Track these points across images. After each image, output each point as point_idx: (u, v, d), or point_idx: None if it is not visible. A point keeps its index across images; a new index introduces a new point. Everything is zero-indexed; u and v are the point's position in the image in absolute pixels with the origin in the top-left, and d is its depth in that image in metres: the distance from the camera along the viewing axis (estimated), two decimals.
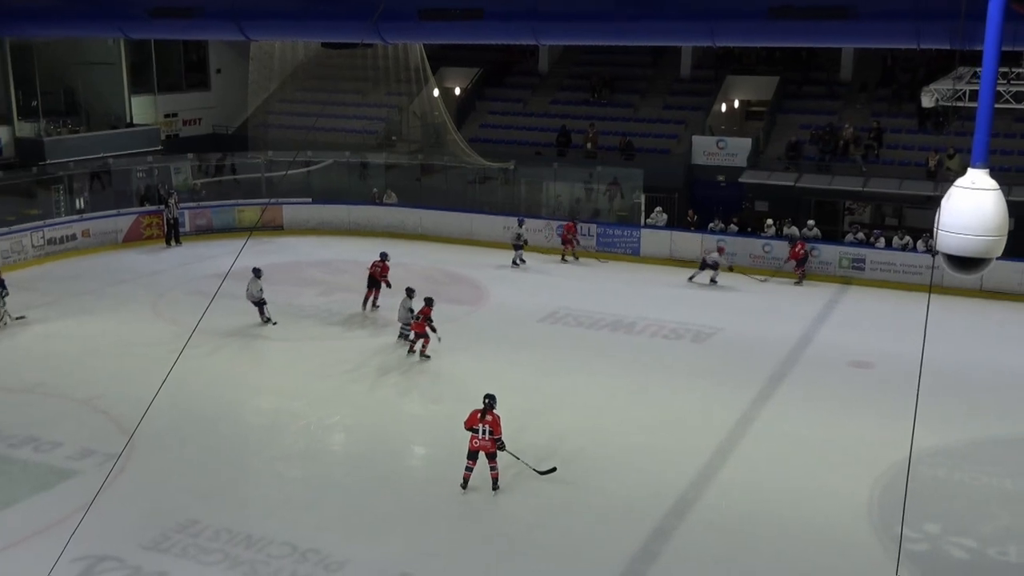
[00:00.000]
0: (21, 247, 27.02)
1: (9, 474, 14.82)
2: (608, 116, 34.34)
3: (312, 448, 16.25)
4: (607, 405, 17.64)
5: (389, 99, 36.66)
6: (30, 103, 32.50)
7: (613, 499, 14.13)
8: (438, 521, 13.50)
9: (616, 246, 28.30)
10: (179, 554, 12.51)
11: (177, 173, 31.93)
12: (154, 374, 10.77)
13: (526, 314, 22.76)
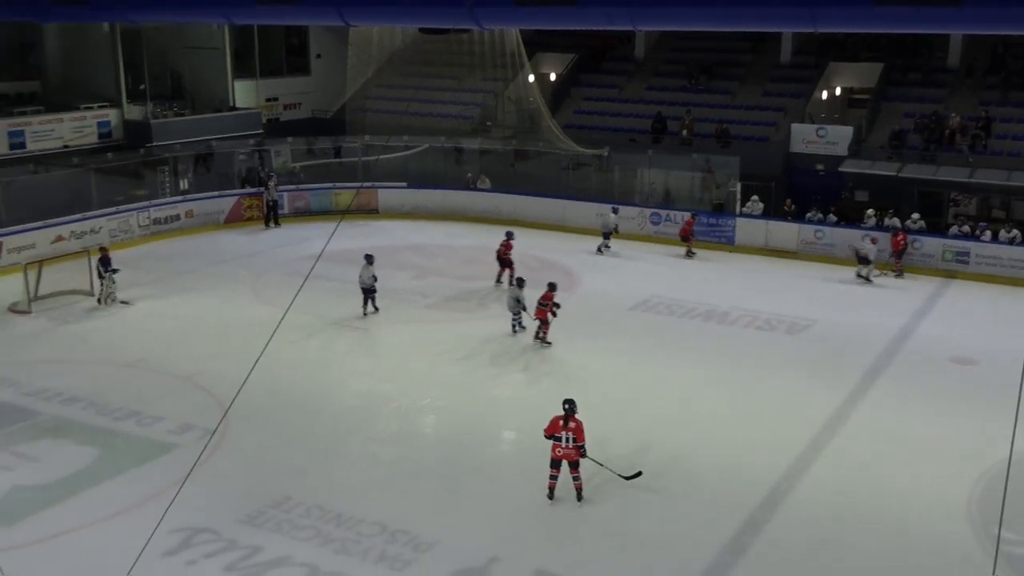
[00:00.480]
0: (128, 227, 27.93)
1: (113, 446, 15.33)
2: (705, 103, 33.80)
3: (404, 430, 16.42)
4: (697, 395, 17.47)
5: (485, 84, 36.72)
6: (138, 87, 33.39)
7: (702, 490, 13.99)
8: (528, 507, 13.50)
9: (710, 235, 27.92)
10: (273, 529, 12.78)
11: (277, 156, 32.55)
12: (253, 353, 10.99)
13: (618, 302, 22.64)
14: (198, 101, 35.19)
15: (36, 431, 15.80)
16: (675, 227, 28.06)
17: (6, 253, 24.77)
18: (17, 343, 20.17)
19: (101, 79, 33.28)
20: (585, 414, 13.85)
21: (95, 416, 16.36)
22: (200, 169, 31.88)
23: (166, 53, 34.88)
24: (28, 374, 18.16)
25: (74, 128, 31.48)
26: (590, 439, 13.60)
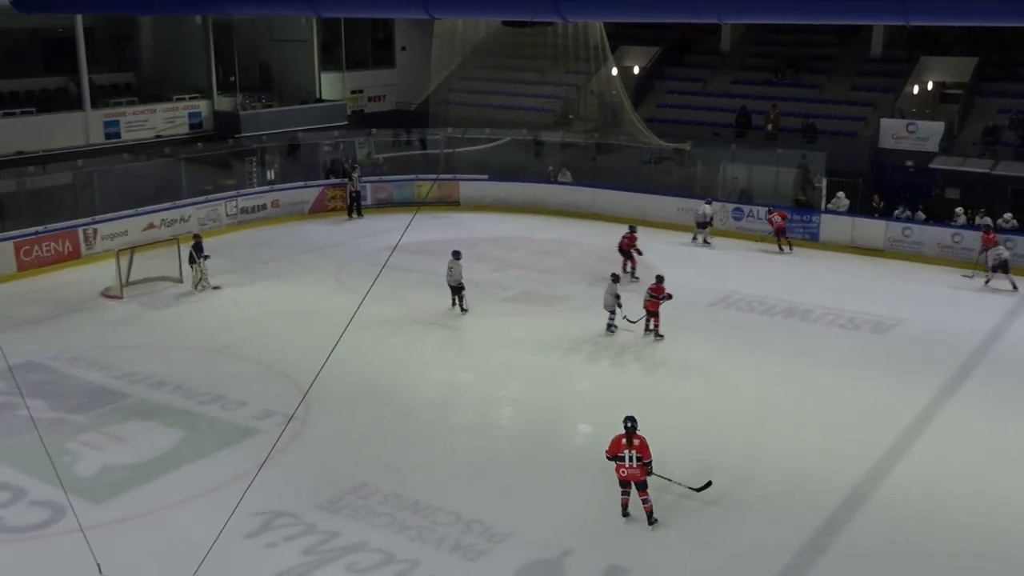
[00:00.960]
0: (216, 215, 28.54)
1: (198, 430, 15.70)
2: (791, 97, 33.25)
3: (481, 421, 16.48)
4: (777, 393, 17.19)
5: (567, 77, 36.65)
6: (228, 79, 34.04)
7: (782, 488, 13.77)
8: (602, 501, 13.42)
9: (794, 231, 27.43)
10: (350, 515, 12.94)
11: (361, 147, 32.92)
12: (334, 341, 11.13)
13: (697, 298, 22.39)
14: (285, 93, 35.80)
15: (125, 413, 16.25)
16: (757, 223, 27.67)
17: (100, 240, 25.51)
18: (108, 327, 20.75)
19: (193, 71, 34.09)
20: (660, 412, 13.81)
21: (181, 400, 16.76)
22: (286, 160, 32.40)
23: (256, 46, 35.50)
24: (118, 357, 18.68)
25: (166, 119, 32.28)
26: (665, 438, 13.48)
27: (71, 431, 15.46)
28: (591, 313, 20.43)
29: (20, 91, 31.38)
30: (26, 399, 14.80)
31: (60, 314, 21.31)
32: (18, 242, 24.20)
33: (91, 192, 26.94)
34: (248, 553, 12.01)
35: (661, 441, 15.32)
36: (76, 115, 30.14)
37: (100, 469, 14.31)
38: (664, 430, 15.68)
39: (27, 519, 12.88)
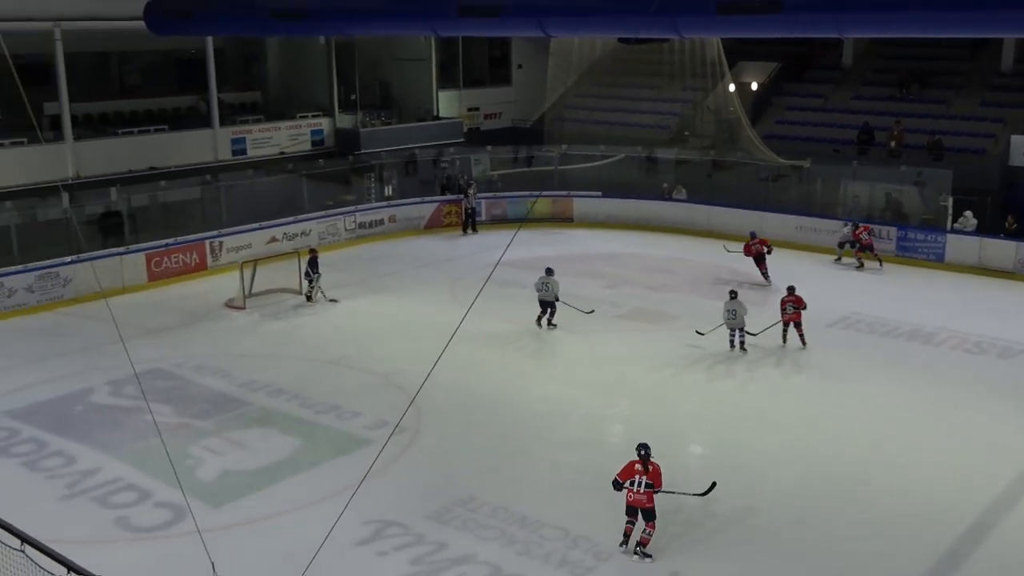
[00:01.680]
0: (335, 230, 29.21)
1: (314, 438, 16.03)
2: (916, 113, 32.17)
3: (590, 437, 16.39)
4: (895, 417, 16.62)
5: (683, 94, 36.32)
6: (350, 97, 34.78)
7: (898, 516, 13.29)
8: (711, 524, 13.22)
9: (918, 251, 26.55)
10: (459, 527, 13.02)
11: (476, 164, 33.24)
12: (446, 355, 11.24)
13: (815, 317, 21.82)
14: (404, 110, 36.39)
15: (245, 420, 16.73)
16: (880, 242, 26.85)
17: (225, 252, 26.36)
18: (231, 336, 21.41)
19: (316, 90, 34.94)
20: (771, 433, 13.47)
21: (298, 408, 17.15)
22: (403, 176, 32.89)
23: (376, 64, 36.21)
24: (240, 366, 19.25)
25: (290, 136, 33.15)
26: (775, 461, 13.17)
27: (194, 436, 15.97)
28: (703, 329, 20.15)
29: (154, 109, 32.61)
30: (152, 404, 15.36)
31: (186, 323, 22.09)
32: (149, 253, 25.19)
33: (218, 206, 27.88)
34: (359, 560, 12.20)
35: (770, 463, 15.07)
36: (205, 132, 31.17)
37: (220, 474, 14.74)
38: (774, 452, 15.41)
39: (151, 520, 13.34)
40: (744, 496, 13.74)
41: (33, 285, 23.02)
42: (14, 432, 16.24)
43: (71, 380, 18.35)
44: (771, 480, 14.43)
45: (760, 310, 21.14)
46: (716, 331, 19.80)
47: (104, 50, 31.66)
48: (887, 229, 27.07)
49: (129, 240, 25.53)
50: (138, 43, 30.12)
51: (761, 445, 15.50)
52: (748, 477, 14.39)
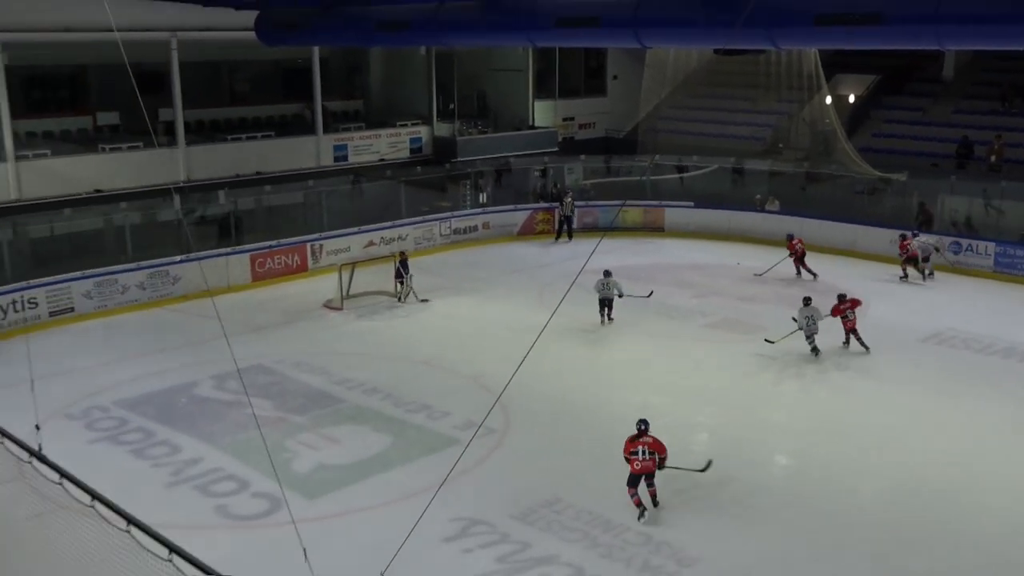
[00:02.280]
0: (431, 235, 29.56)
1: (406, 436, 16.23)
2: (1019, 127, 31.06)
3: (675, 445, 16.13)
4: (986, 437, 16.07)
5: (779, 106, 35.71)
6: (447, 106, 35.12)
7: (985, 540, 12.89)
8: (793, 531, 13.00)
9: (1018, 267, 25.64)
10: (543, 528, 13.05)
11: (570, 173, 33.24)
12: (535, 359, 11.30)
13: (907, 333, 21.30)
14: (500, 120, 36.54)
15: (340, 416, 17.03)
16: (978, 258, 26.05)
17: (325, 255, 26.88)
18: (329, 335, 21.77)
19: (416, 99, 35.39)
20: (855, 444, 13.14)
21: (391, 407, 17.38)
22: (498, 184, 33.06)
23: (474, 75, 36.47)
24: (336, 364, 19.58)
25: (390, 143, 33.62)
26: (857, 471, 12.86)
27: (291, 430, 16.32)
28: (792, 341, 19.81)
29: (261, 117, 33.36)
30: (253, 399, 15.76)
31: (286, 322, 22.57)
32: (254, 255, 25.84)
33: (319, 210, 28.42)
34: (445, 556, 12.33)
35: (852, 474, 14.73)
36: (309, 139, 31.81)
37: (315, 467, 15.01)
38: (856, 463, 15.07)
39: (248, 509, 13.69)
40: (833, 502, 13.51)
41: (144, 282, 23.81)
42: (124, 421, 16.84)
43: (177, 373, 18.93)
44: (843, 485, 14.14)
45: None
46: (787, 339, 19.53)
47: (216, 59, 32.56)
48: (985, 244, 26.19)
49: (235, 241, 26.21)
50: (248, 53, 30.93)
51: (841, 456, 15.17)
52: (838, 488, 14.15)
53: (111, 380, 18.64)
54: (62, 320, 22.31)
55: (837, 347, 19.92)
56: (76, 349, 20.48)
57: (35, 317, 21.87)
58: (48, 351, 19.28)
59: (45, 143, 27.97)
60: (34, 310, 21.98)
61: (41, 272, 22.80)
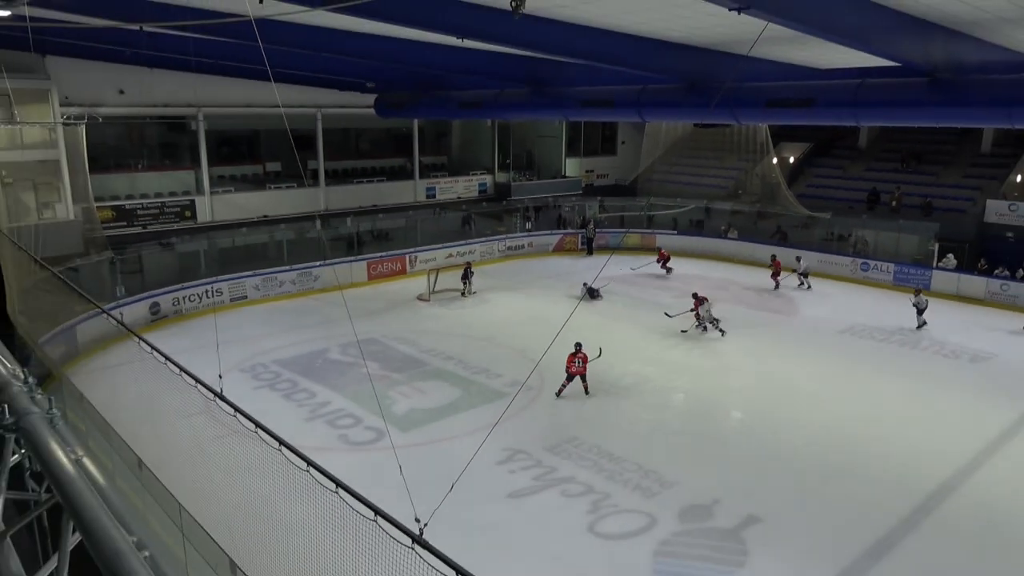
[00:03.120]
0: (492, 250, 29.51)
1: (470, 390, 16.27)
2: (912, 182, 30.24)
3: (660, 402, 16.10)
4: (881, 402, 15.64)
5: (739, 163, 35.13)
6: (504, 160, 35.15)
7: (888, 472, 12.54)
8: (748, 465, 12.80)
9: (910, 281, 24.99)
10: (565, 457, 13.02)
11: (589, 209, 33.05)
12: (563, 338, 11.23)
13: (829, 328, 20.83)
14: (542, 170, 36.44)
15: (426, 374, 17.11)
16: (879, 274, 25.42)
17: (418, 263, 26.97)
18: (419, 319, 21.84)
19: (483, 155, 35.43)
20: (795, 402, 12.82)
21: (461, 369, 17.42)
22: (539, 215, 33.01)
23: (524, 139, 36.43)
24: (423, 339, 19.68)
25: (464, 186, 33.69)
26: (798, 423, 12.54)
27: (392, 384, 16.42)
28: (747, 330, 19.51)
29: (377, 166, 33.61)
30: (367, 361, 15.88)
31: (390, 309, 22.71)
32: (369, 262, 26.05)
33: (415, 232, 28.55)
34: (497, 475, 12.36)
35: (794, 426, 14.42)
36: (408, 183, 32.01)
37: (408, 410, 15.11)
38: (797, 418, 14.78)
39: (361, 437, 13.83)
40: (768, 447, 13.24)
41: (295, 279, 24.12)
42: (278, 375, 17.09)
43: (315, 342, 19.16)
44: (794, 440, 13.88)
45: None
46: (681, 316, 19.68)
47: (347, 126, 32.90)
48: (886, 264, 25.56)
49: (357, 252, 26.40)
50: (369, 123, 31.21)
51: (786, 412, 14.91)
52: (777, 436, 13.88)
53: (270, 346, 18.94)
54: (238, 304, 22.70)
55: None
56: (247, 324, 20.85)
57: (220, 302, 22.27)
58: (228, 325, 19.67)
59: (230, 183, 28.46)
60: (220, 297, 22.39)
61: (225, 270, 23.20)
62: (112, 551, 2.02)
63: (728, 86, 15.60)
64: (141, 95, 23.66)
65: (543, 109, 22.01)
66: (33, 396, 3.05)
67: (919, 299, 21.04)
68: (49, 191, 22.50)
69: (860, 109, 14.31)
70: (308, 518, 7.75)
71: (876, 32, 10.99)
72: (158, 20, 13.80)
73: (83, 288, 15.64)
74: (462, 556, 5.62)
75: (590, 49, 14.50)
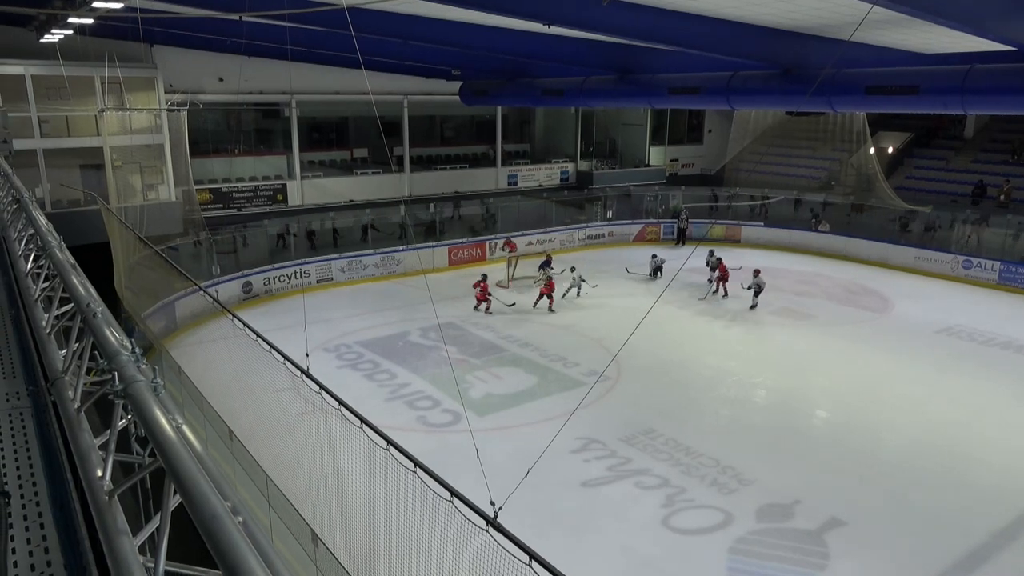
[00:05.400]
0: (572, 239, 29.38)
1: (547, 377, 16.31)
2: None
3: (741, 396, 15.74)
4: (985, 406, 14.79)
5: (833, 153, 33.75)
6: (587, 149, 34.87)
7: (976, 482, 11.86)
8: (830, 466, 12.36)
9: (1016, 281, 23.43)
10: (641, 448, 12.90)
11: (673, 199, 32.43)
12: (642, 329, 11.08)
13: (925, 326, 19.82)
14: (624, 159, 36.02)
15: (503, 361, 17.22)
16: (983, 272, 23.93)
17: (499, 250, 27.13)
18: (498, 304, 22.02)
19: (566, 143, 35.26)
20: (885, 409, 12.27)
21: (538, 356, 17.46)
22: (621, 204, 32.62)
23: (607, 127, 36.05)
24: (502, 324, 19.82)
25: (546, 174, 33.64)
26: (886, 427, 12.03)
27: (470, 368, 16.62)
28: (835, 327, 18.79)
29: (460, 153, 33.98)
30: (446, 345, 16.13)
31: (469, 294, 22.74)
32: (450, 247, 26.38)
33: (496, 219, 28.73)
34: (571, 463, 12.36)
35: (885, 427, 13.86)
36: (491, 170, 32.21)
37: (485, 395, 15.27)
38: (880, 420, 14.18)
39: (439, 420, 14.07)
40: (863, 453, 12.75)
41: (378, 263, 24.68)
42: (360, 355, 17.57)
43: (396, 325, 19.58)
44: (882, 442, 13.30)
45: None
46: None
47: (432, 114, 33.34)
48: (991, 262, 24.04)
49: (439, 238, 26.73)
50: (454, 110, 31.52)
51: (877, 413, 14.30)
52: (866, 438, 13.36)
53: (354, 327, 19.46)
54: (325, 286, 23.41)
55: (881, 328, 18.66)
56: (332, 305, 21.40)
57: (308, 283, 23.04)
58: (315, 306, 20.27)
59: (319, 168, 29.34)
60: (307, 278, 23.16)
61: (313, 253, 24.00)
62: (210, 514, 2.13)
63: (826, 72, 14.94)
64: (238, 82, 24.67)
65: (629, 97, 21.65)
66: (139, 366, 3.25)
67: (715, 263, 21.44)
68: (153, 174, 23.81)
69: (969, 96, 13.46)
70: (386, 496, 7.97)
71: (991, 13, 10.29)
72: (256, 10, 14.32)
73: (182, 266, 16.49)
74: (535, 541, 5.66)
75: (680, 35, 14.17)
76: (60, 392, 3.74)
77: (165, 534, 2.35)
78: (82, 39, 19.44)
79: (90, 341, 3.76)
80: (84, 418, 3.44)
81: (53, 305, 4.73)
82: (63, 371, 3.92)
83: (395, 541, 8.51)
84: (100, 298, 4.30)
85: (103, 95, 21.95)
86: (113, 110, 21.48)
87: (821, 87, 15.53)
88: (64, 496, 3.22)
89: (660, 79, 19.52)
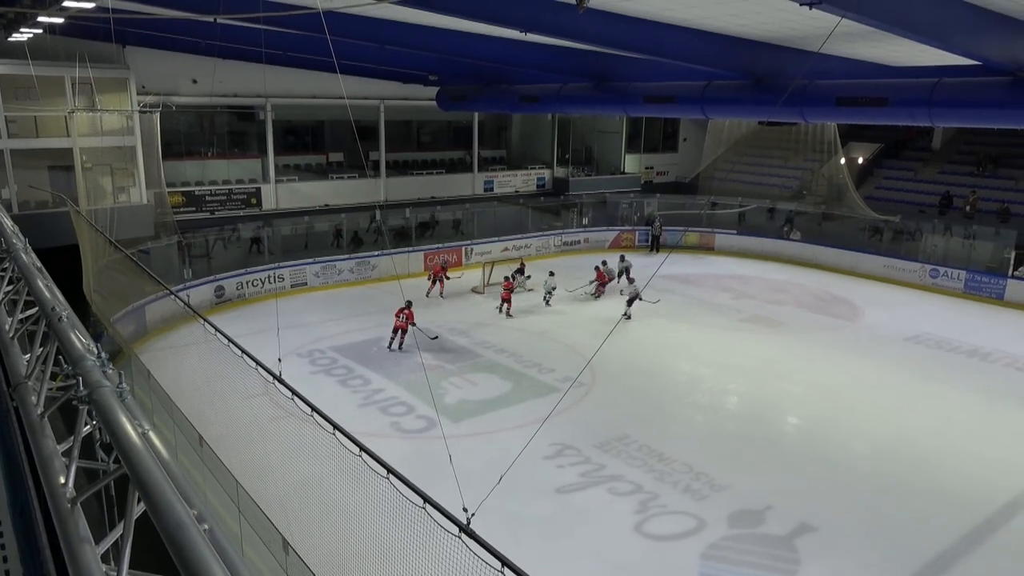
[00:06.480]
0: (548, 245, 29.44)
1: (521, 383, 16.29)
2: (989, 186, 28.98)
3: (713, 403, 15.87)
4: (949, 415, 15.07)
5: (805, 163, 34.26)
6: (564, 156, 35.00)
7: (942, 487, 12.07)
8: (800, 471, 12.50)
9: (982, 290, 23.94)
10: (615, 455, 12.92)
11: (648, 206, 32.64)
12: (616, 336, 11.12)
13: (893, 334, 20.15)
14: (600, 166, 36.22)
15: (477, 367, 17.18)
16: (949, 282, 24.40)
17: (474, 255, 27.11)
18: (473, 310, 21.94)
19: (542, 150, 35.38)
20: (855, 415, 12.44)
21: (513, 363, 17.44)
22: (596, 211, 32.75)
23: (584, 134, 36.21)
24: (477, 331, 19.77)
25: (522, 180, 33.74)
26: (857, 433, 12.18)
27: (445, 374, 16.58)
28: (806, 335, 19.03)
29: (437, 159, 33.95)
30: (421, 351, 16.06)
31: (445, 300, 22.89)
32: (426, 252, 26.27)
33: (472, 224, 28.69)
34: (545, 469, 12.35)
35: (851, 434, 14.02)
36: (467, 175, 32.23)
37: (459, 400, 15.22)
38: (856, 426, 14.37)
39: (413, 426, 14.00)
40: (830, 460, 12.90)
41: (353, 268, 24.52)
42: (334, 360, 17.44)
43: (371, 330, 19.42)
44: (852, 448, 13.47)
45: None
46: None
47: (409, 119, 33.30)
48: (957, 271, 24.52)
49: (414, 243, 26.63)
50: (430, 115, 31.49)
51: (843, 417, 14.49)
52: (836, 444, 13.52)
53: (328, 332, 19.32)
54: (299, 290, 23.21)
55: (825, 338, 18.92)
56: (306, 310, 21.24)
57: (281, 287, 22.81)
58: (289, 310, 19.99)
59: (294, 172, 29.12)
60: (281, 283, 22.94)
61: (287, 257, 23.77)
62: (175, 522, 2.10)
63: (797, 83, 15.17)
64: (213, 85, 24.43)
65: (605, 104, 21.78)
66: (105, 370, 3.19)
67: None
68: (124, 176, 23.45)
69: (936, 109, 13.74)
70: (359, 502, 7.90)
71: (957, 29, 10.53)
72: (231, 12, 14.18)
73: (153, 270, 16.24)
74: (508, 548, 5.65)
75: (655, 44, 14.30)
76: (23, 397, 3.66)
77: (128, 542, 2.31)
78: (52, 38, 19.12)
79: (55, 345, 3.69)
80: (47, 424, 3.37)
81: (17, 308, 4.63)
82: (26, 376, 3.84)
83: (367, 548, 8.44)
84: (66, 302, 4.22)
85: (73, 96, 21.60)
86: (84, 111, 21.15)
87: (793, 98, 15.75)
88: (25, 503, 3.14)
89: (636, 87, 19.67)
